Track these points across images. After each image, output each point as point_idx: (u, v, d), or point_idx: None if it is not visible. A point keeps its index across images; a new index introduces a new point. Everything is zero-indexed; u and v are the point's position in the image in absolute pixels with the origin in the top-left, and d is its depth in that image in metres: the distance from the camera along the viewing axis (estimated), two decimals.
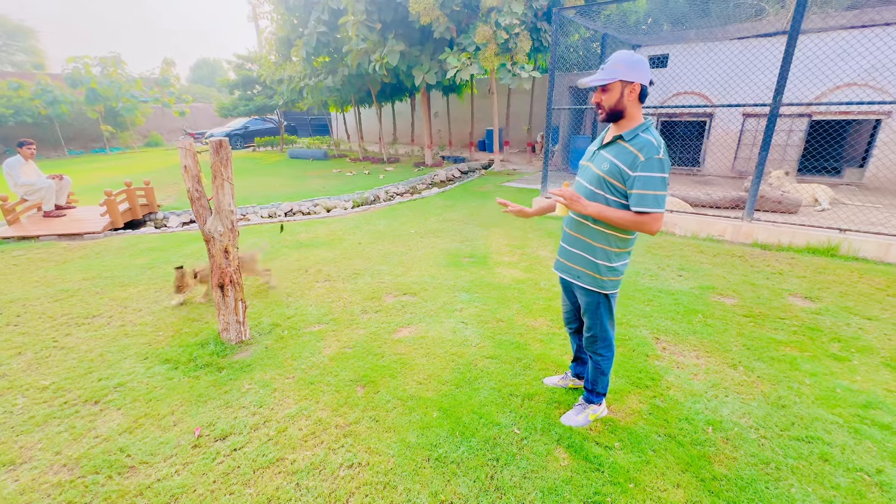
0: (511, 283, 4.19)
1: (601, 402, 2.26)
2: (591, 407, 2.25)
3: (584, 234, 1.93)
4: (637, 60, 1.69)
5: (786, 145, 8.94)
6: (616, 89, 1.70)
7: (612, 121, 1.78)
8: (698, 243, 5.33)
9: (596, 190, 1.83)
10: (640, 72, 1.68)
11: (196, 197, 2.91)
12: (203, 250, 5.33)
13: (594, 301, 1.99)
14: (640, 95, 1.70)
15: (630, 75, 1.67)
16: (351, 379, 2.67)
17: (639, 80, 1.68)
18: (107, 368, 2.77)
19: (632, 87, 1.68)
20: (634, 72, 1.67)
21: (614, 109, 1.73)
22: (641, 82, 1.68)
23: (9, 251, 5.44)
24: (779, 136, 8.90)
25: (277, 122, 20.57)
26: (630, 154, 1.70)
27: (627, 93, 1.69)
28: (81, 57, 18.73)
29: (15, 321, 3.46)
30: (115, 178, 12.12)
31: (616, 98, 1.71)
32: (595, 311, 2.01)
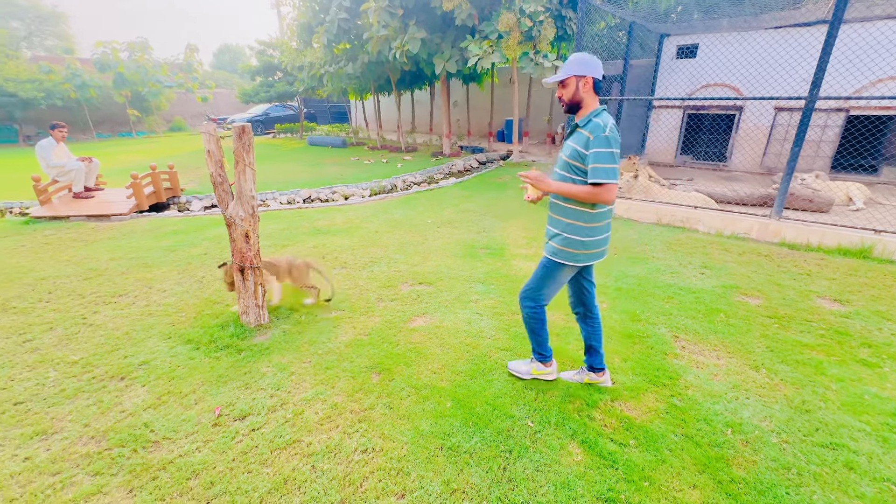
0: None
1: (548, 364, 2.49)
2: (536, 364, 2.52)
3: (557, 213, 2.16)
4: (588, 59, 1.96)
5: (819, 141, 8.57)
6: (571, 84, 1.97)
7: (573, 112, 2.05)
8: (723, 241, 5.18)
9: (565, 174, 2.08)
10: (591, 68, 1.95)
11: (219, 182, 2.96)
12: (225, 234, 5.44)
13: (545, 264, 2.23)
14: (594, 88, 1.97)
15: (582, 70, 1.94)
16: (366, 366, 2.70)
17: (590, 74, 1.94)
18: (132, 346, 2.86)
19: (584, 81, 1.95)
20: (585, 68, 1.94)
21: (572, 101, 2.01)
22: (593, 76, 1.94)
23: (41, 230, 5.65)
24: (813, 131, 8.53)
25: (297, 109, 20.70)
26: (584, 137, 1.95)
27: (581, 85, 1.96)
28: (109, 42, 19.14)
29: (46, 298, 3.60)
30: (140, 161, 12.43)
31: (572, 91, 1.98)
32: (540, 271, 2.25)
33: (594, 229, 2.08)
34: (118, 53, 19.14)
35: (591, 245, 2.10)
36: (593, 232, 2.08)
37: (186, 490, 1.78)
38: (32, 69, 18.07)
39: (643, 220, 6.06)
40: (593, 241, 2.10)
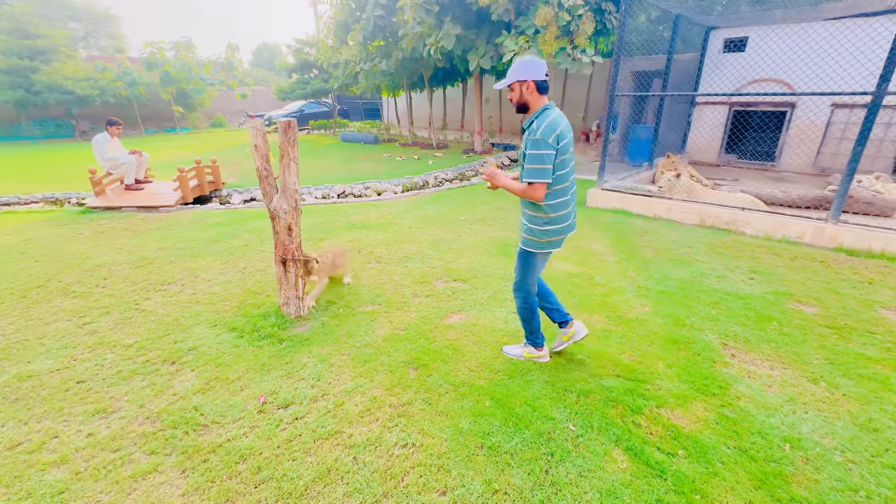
0: (564, 277, 4.07)
1: (539, 348, 2.68)
2: (529, 347, 2.70)
3: (523, 207, 2.39)
4: (529, 63, 2.09)
5: (882, 140, 7.98)
6: (516, 88, 2.14)
7: (523, 112, 2.21)
8: (772, 245, 4.91)
9: (521, 171, 2.24)
10: (532, 71, 2.07)
11: (264, 175, 3.03)
12: (264, 227, 5.61)
13: (520, 254, 2.45)
14: (537, 89, 2.11)
15: (523, 75, 2.08)
16: (404, 360, 2.71)
17: (531, 77, 2.07)
18: (181, 332, 2.98)
19: (526, 85, 2.10)
20: (526, 72, 2.08)
21: (519, 103, 2.17)
22: (534, 79, 2.07)
23: (97, 219, 5.99)
24: (874, 129, 7.94)
25: (331, 105, 21.08)
26: (526, 137, 2.13)
27: (524, 89, 2.11)
28: (157, 41, 20.06)
29: (103, 283, 3.81)
30: (184, 155, 12.99)
31: (518, 95, 2.15)
32: (519, 262, 2.46)
33: (553, 220, 2.26)
34: (164, 52, 20.06)
35: (553, 233, 2.30)
36: (552, 222, 2.27)
37: (235, 474, 1.83)
38: (88, 68, 19.19)
39: (685, 221, 5.82)
40: (555, 229, 2.29)
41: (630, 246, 4.91)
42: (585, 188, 7.78)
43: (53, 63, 18.25)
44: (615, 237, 5.20)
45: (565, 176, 2.18)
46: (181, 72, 19.98)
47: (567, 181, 2.20)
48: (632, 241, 5.06)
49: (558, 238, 2.31)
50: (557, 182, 2.16)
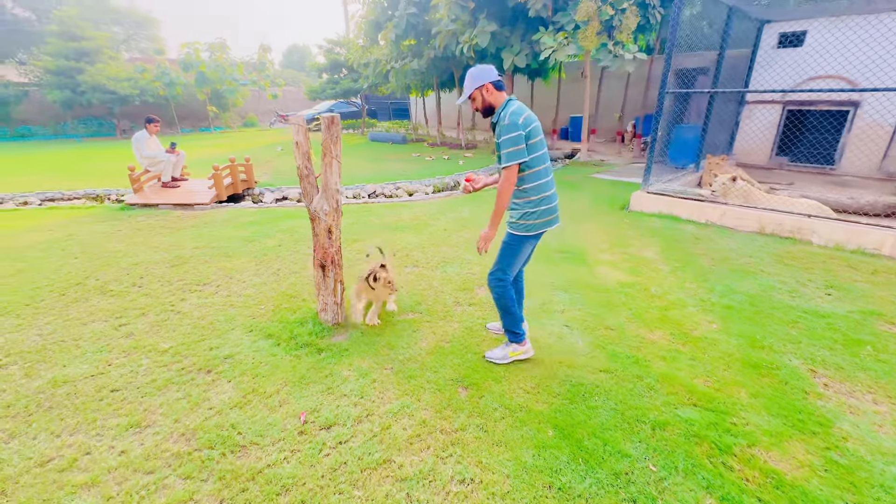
0: (616, 287, 3.76)
1: (522, 343, 2.61)
2: (511, 346, 2.61)
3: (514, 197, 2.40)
4: (478, 71, 2.26)
5: None
6: (476, 97, 2.29)
7: (490, 114, 2.33)
8: (846, 256, 4.44)
9: (499, 161, 2.33)
10: (484, 76, 2.24)
11: (305, 174, 2.87)
12: (297, 226, 5.51)
13: (505, 241, 2.45)
14: (495, 88, 2.26)
15: (479, 82, 2.25)
16: (451, 378, 2.48)
17: (485, 80, 2.24)
18: (217, 338, 2.85)
19: (484, 88, 2.25)
20: (480, 79, 2.24)
21: (485, 106, 2.31)
22: (488, 81, 2.24)
23: (134, 216, 6.03)
24: None
25: (360, 105, 21.16)
26: (497, 129, 2.27)
27: (484, 93, 2.27)
28: (193, 43, 20.59)
29: (139, 283, 3.75)
30: (218, 154, 13.20)
31: (480, 101, 2.30)
32: (502, 250, 2.45)
33: (538, 202, 2.32)
34: (200, 53, 20.57)
35: (540, 215, 2.34)
36: (538, 204, 2.33)
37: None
38: (129, 69, 19.89)
39: (742, 228, 5.38)
40: (541, 210, 2.34)
41: (684, 254, 4.55)
42: (623, 190, 7.39)
43: (97, 64, 18.98)
44: (665, 244, 4.84)
45: (540, 159, 2.28)
46: (215, 72, 20.44)
47: (543, 164, 2.30)
48: (685, 249, 4.69)
49: (545, 220, 2.35)
50: (533, 164, 2.25)
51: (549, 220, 2.38)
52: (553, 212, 2.38)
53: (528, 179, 2.29)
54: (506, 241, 2.44)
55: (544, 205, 2.33)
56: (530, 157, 2.23)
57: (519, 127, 2.15)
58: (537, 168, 2.28)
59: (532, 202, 2.31)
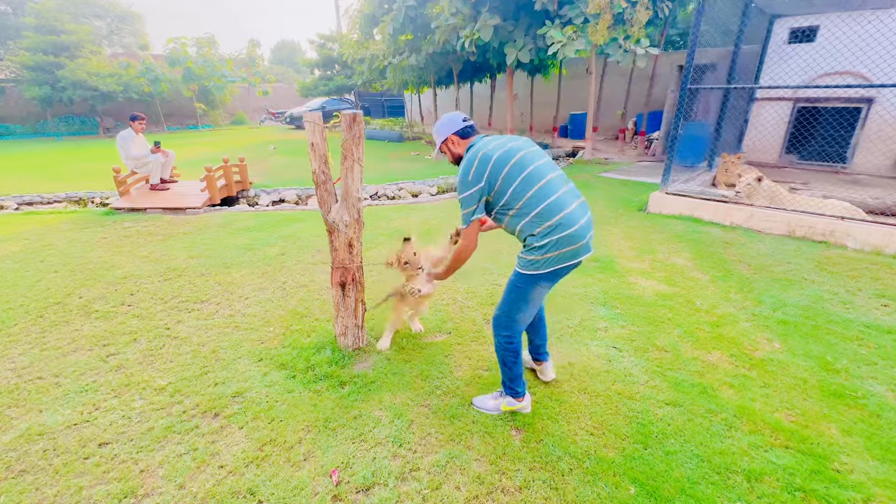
0: (656, 299, 3.46)
1: (520, 398, 2.15)
2: (506, 398, 2.18)
3: None
4: (440, 124, 2.05)
5: None
6: (445, 150, 2.08)
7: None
8: (888, 262, 4.20)
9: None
10: (447, 127, 2.03)
11: (322, 181, 2.50)
12: (299, 232, 5.11)
13: (513, 279, 1.98)
14: (460, 136, 2.02)
15: (444, 135, 2.04)
16: (499, 417, 2.14)
17: (450, 132, 2.02)
18: (222, 370, 2.47)
19: (449, 140, 2.03)
20: (444, 131, 2.04)
21: (455, 159, 2.07)
22: (453, 132, 2.01)
23: (121, 221, 5.58)
24: None
25: (353, 102, 20.67)
26: None
27: (451, 146, 2.04)
28: (180, 38, 19.91)
29: (129, 300, 3.34)
30: (207, 153, 12.67)
31: (449, 155, 2.08)
32: (509, 290, 1.99)
33: (551, 229, 1.79)
34: (187, 49, 19.88)
35: (560, 244, 1.80)
36: (551, 232, 1.79)
37: None
38: (112, 64, 19.12)
39: (770, 230, 5.13)
40: (560, 238, 1.79)
41: (718, 261, 4.27)
42: (634, 190, 7.12)
43: (78, 59, 18.19)
44: (696, 250, 4.56)
45: (538, 196, 1.81)
46: (203, 68, 19.79)
47: (545, 201, 1.80)
48: (718, 255, 4.41)
49: (562, 252, 1.80)
50: (514, 202, 1.83)
51: (572, 252, 1.81)
52: (575, 239, 1.79)
53: (515, 219, 1.86)
54: (512, 280, 1.96)
55: (556, 233, 1.77)
56: (507, 198, 1.83)
57: (470, 183, 1.83)
58: (526, 198, 1.80)
59: (536, 236, 1.81)
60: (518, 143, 1.91)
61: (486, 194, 1.85)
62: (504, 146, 1.86)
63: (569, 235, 1.78)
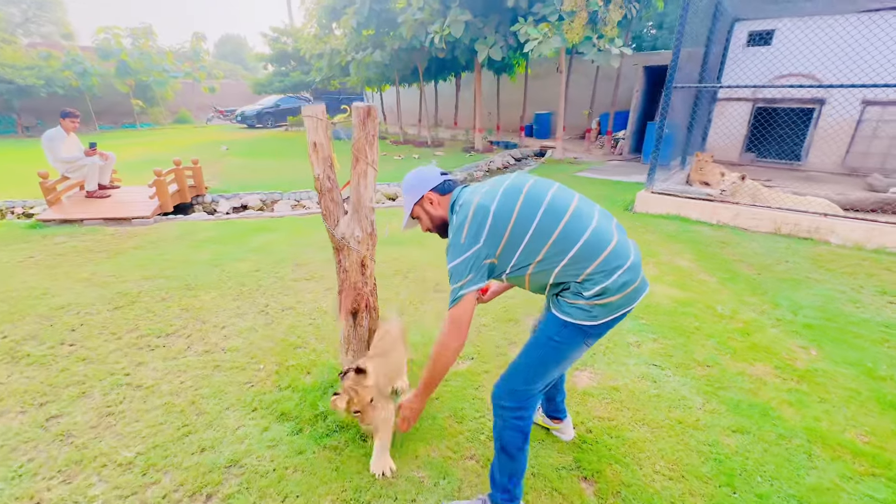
0: (675, 306, 3.29)
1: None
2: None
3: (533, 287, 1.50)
4: (413, 180, 1.57)
5: None
6: (420, 215, 1.58)
7: (445, 231, 1.54)
8: (874, 257, 4.31)
9: None
10: (423, 183, 1.55)
11: (327, 188, 2.07)
12: (271, 243, 4.54)
13: (546, 326, 1.44)
14: (439, 193, 1.54)
15: (417, 194, 1.55)
16: (561, 464, 1.82)
17: (426, 189, 1.54)
18: (206, 428, 1.97)
19: (425, 200, 1.54)
20: (419, 188, 1.55)
21: (436, 225, 1.57)
22: (430, 188, 1.54)
23: (51, 237, 4.72)
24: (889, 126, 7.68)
25: (311, 100, 19.70)
26: None
27: (427, 206, 1.55)
28: (111, 27, 18.04)
29: (70, 339, 2.70)
30: (149, 154, 11.47)
31: (427, 219, 1.57)
32: (537, 343, 1.45)
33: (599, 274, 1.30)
34: (120, 40, 18.04)
35: (617, 288, 1.30)
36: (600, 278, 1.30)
37: None
38: (31, 55, 16.99)
39: (757, 228, 5.18)
40: (616, 282, 1.30)
41: (720, 261, 4.20)
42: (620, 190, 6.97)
43: None
44: (695, 250, 4.49)
45: (569, 234, 1.31)
46: (140, 62, 18.05)
47: (580, 237, 1.31)
48: (717, 256, 4.35)
49: (623, 296, 1.31)
50: (557, 255, 1.32)
51: (634, 291, 1.34)
52: (634, 275, 1.33)
53: (541, 274, 1.37)
54: (544, 332, 1.42)
55: (614, 272, 1.30)
56: (522, 251, 1.34)
57: (465, 245, 1.32)
58: (551, 242, 1.32)
59: (584, 283, 1.31)
60: (512, 179, 1.42)
61: (490, 256, 1.35)
62: (500, 186, 1.39)
63: (629, 269, 1.31)
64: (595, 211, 1.41)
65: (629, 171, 9.13)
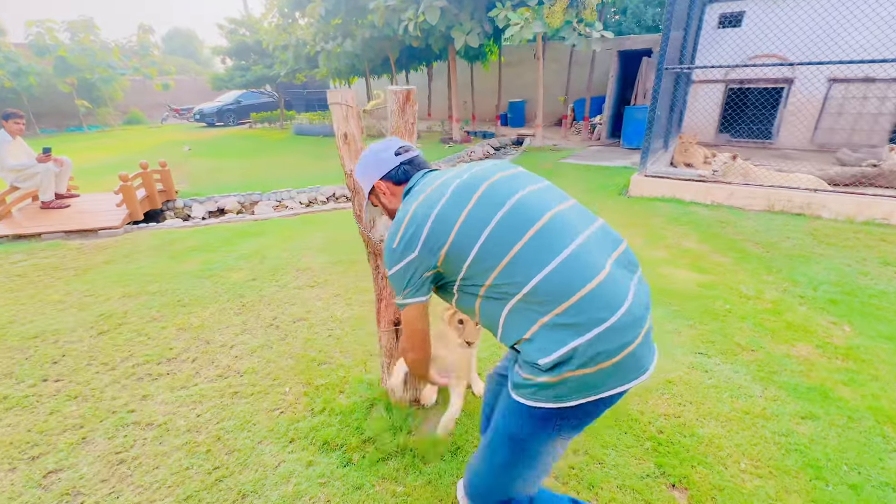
0: (699, 290, 3.24)
1: None
2: None
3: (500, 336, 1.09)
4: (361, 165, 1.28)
5: (878, 114, 8.11)
6: (376, 202, 1.31)
7: None
8: (866, 229, 4.44)
9: None
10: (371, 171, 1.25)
11: (360, 187, 1.82)
12: (262, 248, 4.20)
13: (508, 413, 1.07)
14: (393, 182, 1.23)
15: (370, 180, 1.26)
16: (643, 472, 1.69)
17: (378, 175, 1.24)
18: (241, 468, 1.71)
19: (377, 188, 1.26)
20: (368, 175, 1.26)
21: (390, 212, 1.30)
22: (380, 176, 1.23)
23: (4, 255, 4.19)
24: (870, 103, 8.06)
25: (275, 95, 18.83)
26: None
27: (381, 196, 1.27)
28: (43, 21, 16.44)
29: (54, 373, 2.34)
30: (104, 159, 10.60)
31: (381, 205, 1.30)
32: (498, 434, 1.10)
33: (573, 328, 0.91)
34: (55, 34, 16.48)
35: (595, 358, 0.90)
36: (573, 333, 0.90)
37: None
38: None
39: (751, 207, 5.27)
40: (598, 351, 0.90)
41: (726, 241, 4.22)
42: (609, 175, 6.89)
43: None
44: (699, 232, 4.49)
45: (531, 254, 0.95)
46: (81, 58, 16.57)
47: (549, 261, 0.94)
48: (722, 236, 4.37)
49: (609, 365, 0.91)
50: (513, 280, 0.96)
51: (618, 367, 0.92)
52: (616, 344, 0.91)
53: (491, 304, 1.02)
54: (504, 423, 1.07)
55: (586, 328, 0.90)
56: (469, 265, 1.01)
57: (397, 252, 1.06)
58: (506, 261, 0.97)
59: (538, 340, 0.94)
60: (476, 171, 1.10)
61: (430, 268, 1.05)
62: (455, 181, 1.07)
63: (621, 326, 0.90)
64: (581, 223, 1.01)
65: (611, 156, 9.18)
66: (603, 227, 1.05)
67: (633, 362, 0.93)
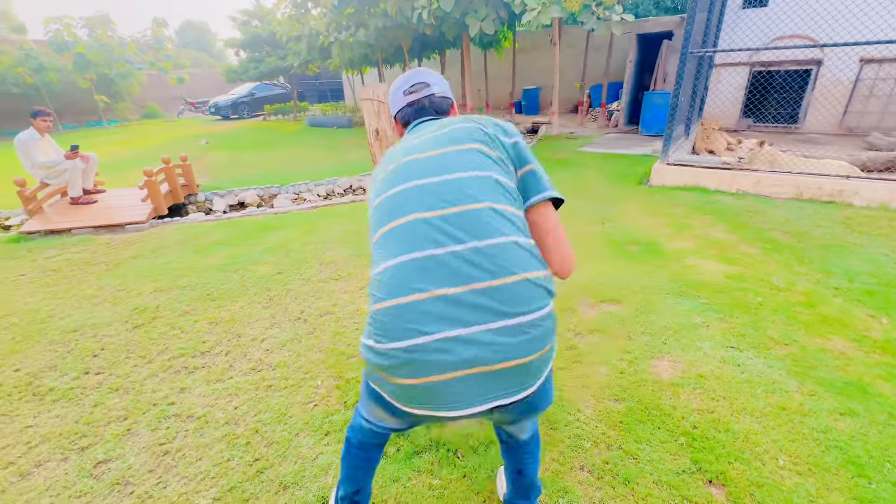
0: (727, 281, 3.18)
1: None
2: None
3: None
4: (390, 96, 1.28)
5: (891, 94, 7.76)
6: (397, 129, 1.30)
7: None
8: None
9: None
10: (391, 106, 1.28)
11: None
12: (286, 241, 4.24)
13: None
14: (401, 123, 1.23)
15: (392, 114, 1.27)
16: (679, 468, 1.68)
17: (392, 113, 1.27)
18: (281, 460, 1.76)
19: (395, 127, 1.29)
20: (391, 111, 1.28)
21: None
22: (393, 114, 1.26)
23: (39, 251, 4.32)
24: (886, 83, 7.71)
25: (288, 87, 18.87)
26: None
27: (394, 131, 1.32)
28: (61, 17, 16.71)
29: (95, 366, 2.42)
30: (125, 154, 10.82)
31: None
32: None
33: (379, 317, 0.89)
34: (73, 30, 16.75)
35: (399, 361, 0.86)
36: (381, 291, 0.92)
37: None
38: None
39: (779, 195, 5.12)
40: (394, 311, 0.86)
41: (755, 231, 4.12)
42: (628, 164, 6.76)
43: None
44: (726, 221, 4.39)
45: (383, 207, 0.99)
46: (99, 54, 16.85)
47: (388, 219, 0.96)
48: (750, 225, 4.27)
49: (398, 362, 0.86)
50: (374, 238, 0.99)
51: (430, 390, 0.87)
52: (435, 356, 0.84)
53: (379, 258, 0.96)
54: None
55: (382, 298, 0.90)
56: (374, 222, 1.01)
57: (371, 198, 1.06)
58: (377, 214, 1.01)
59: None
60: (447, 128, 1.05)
61: None
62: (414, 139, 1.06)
63: (399, 309, 0.85)
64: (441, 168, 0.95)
65: (630, 144, 8.98)
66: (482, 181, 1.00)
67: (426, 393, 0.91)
